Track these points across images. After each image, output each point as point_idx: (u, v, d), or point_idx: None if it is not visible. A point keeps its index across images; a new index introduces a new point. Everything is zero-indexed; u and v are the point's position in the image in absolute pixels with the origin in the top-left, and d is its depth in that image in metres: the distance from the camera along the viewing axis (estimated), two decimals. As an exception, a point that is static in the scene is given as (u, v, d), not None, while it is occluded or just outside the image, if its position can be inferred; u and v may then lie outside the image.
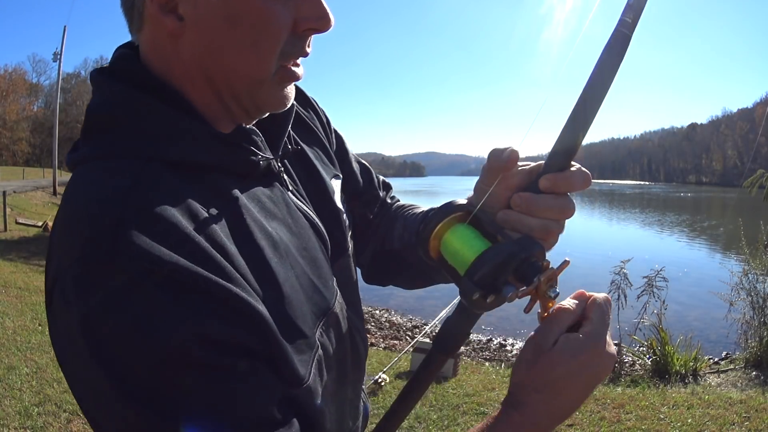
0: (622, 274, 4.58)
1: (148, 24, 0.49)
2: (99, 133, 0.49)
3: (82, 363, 0.39)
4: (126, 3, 0.50)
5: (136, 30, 0.51)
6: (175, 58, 0.49)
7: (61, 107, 28.90)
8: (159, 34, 0.49)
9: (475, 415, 3.22)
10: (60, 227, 0.44)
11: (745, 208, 24.61)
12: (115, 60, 0.52)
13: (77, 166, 0.48)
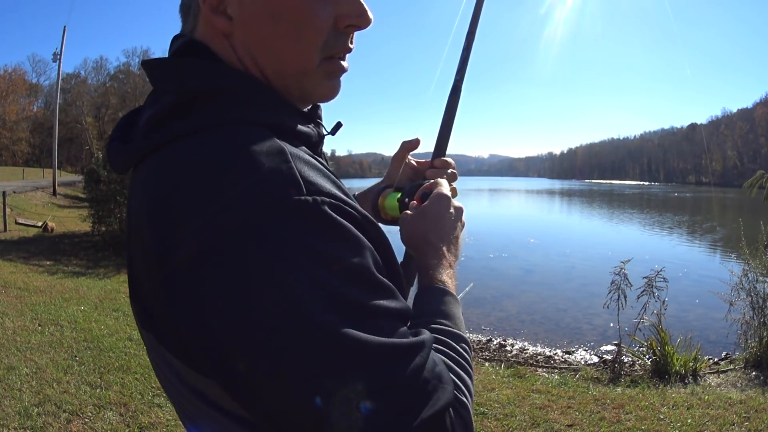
0: (622, 274, 4.58)
1: (202, 25, 0.54)
2: (206, 105, 0.50)
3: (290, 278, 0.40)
4: (183, 6, 0.56)
5: (191, 31, 0.56)
6: (231, 54, 0.54)
7: (60, 107, 28.88)
8: (213, 33, 0.54)
9: (475, 415, 3.21)
10: (206, 180, 0.43)
11: (745, 209, 24.63)
12: (188, 45, 0.54)
13: (197, 134, 0.47)
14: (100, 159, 11.40)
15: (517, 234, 19.42)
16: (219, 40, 0.53)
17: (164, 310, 0.45)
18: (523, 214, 33.82)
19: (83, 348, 3.99)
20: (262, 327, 0.40)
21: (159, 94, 0.53)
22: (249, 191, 0.42)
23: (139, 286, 0.50)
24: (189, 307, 0.42)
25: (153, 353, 0.53)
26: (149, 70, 0.54)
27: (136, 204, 0.51)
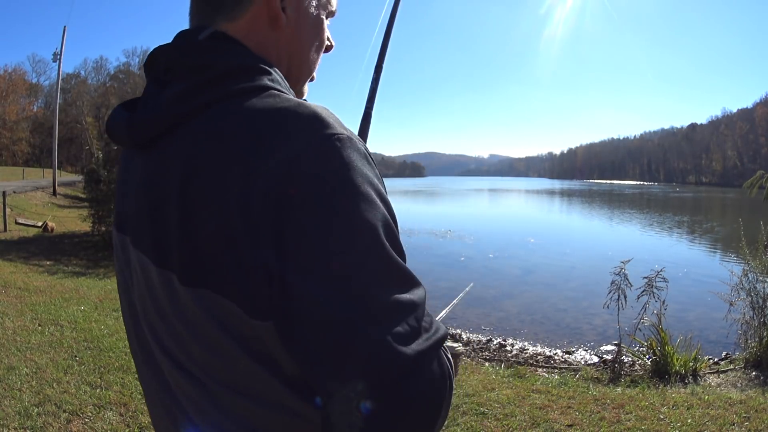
0: (622, 274, 4.58)
1: (251, 13, 0.59)
2: (253, 76, 0.55)
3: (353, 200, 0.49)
4: None
5: (229, 18, 0.59)
6: (273, 44, 0.61)
7: (60, 107, 28.88)
8: (261, 22, 0.60)
9: (474, 415, 3.22)
10: (279, 116, 0.51)
11: (745, 209, 24.62)
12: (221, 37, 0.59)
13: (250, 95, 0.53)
14: (100, 159, 11.39)
15: (517, 234, 19.42)
16: (263, 31, 0.60)
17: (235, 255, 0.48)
18: (523, 214, 33.82)
19: (83, 348, 3.99)
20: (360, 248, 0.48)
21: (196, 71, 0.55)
22: (328, 126, 0.51)
23: (193, 240, 0.50)
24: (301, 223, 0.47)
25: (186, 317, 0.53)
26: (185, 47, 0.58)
27: (191, 168, 0.51)
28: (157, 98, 0.56)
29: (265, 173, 0.47)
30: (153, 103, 0.56)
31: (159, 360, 0.59)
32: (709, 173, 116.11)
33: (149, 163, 0.57)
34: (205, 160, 0.51)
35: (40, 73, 59.54)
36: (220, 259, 0.49)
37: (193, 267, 0.51)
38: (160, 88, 0.57)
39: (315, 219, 0.47)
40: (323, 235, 0.47)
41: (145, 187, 0.57)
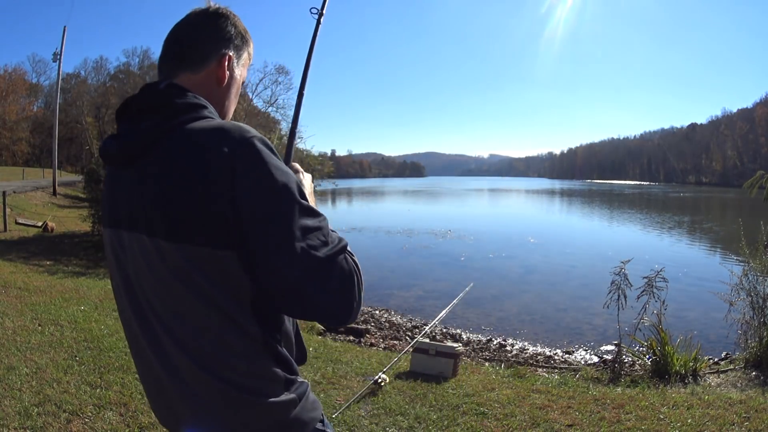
0: (622, 274, 4.58)
1: (207, 72, 0.92)
2: (196, 109, 0.85)
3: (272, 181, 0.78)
4: (188, 53, 0.91)
5: (190, 69, 0.91)
6: (213, 94, 0.92)
7: (60, 107, 28.84)
8: (211, 79, 0.92)
9: (474, 415, 3.22)
10: (216, 133, 0.79)
11: (745, 209, 24.61)
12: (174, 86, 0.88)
13: (199, 119, 0.84)
14: (100, 159, 11.39)
15: (517, 234, 19.41)
16: (211, 86, 0.93)
17: (213, 208, 0.76)
18: (522, 214, 33.81)
19: (83, 348, 3.99)
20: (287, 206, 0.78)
21: (162, 107, 0.85)
22: (251, 137, 0.80)
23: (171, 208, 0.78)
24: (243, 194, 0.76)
25: (165, 267, 0.80)
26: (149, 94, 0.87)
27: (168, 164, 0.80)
28: (135, 130, 0.84)
29: (217, 161, 0.76)
30: (132, 133, 0.84)
31: (149, 313, 0.84)
32: (709, 173, 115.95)
33: (135, 174, 0.84)
34: (174, 164, 0.79)
35: (40, 73, 59.45)
36: (191, 220, 0.77)
37: (174, 230, 0.78)
38: (135, 125, 0.84)
39: (254, 182, 0.77)
40: (261, 191, 0.77)
41: (136, 188, 0.84)
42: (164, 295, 0.82)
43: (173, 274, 0.79)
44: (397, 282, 10.86)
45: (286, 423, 0.85)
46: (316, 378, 3.83)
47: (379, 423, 3.07)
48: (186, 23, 0.94)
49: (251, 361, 0.82)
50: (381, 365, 4.20)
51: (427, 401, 3.44)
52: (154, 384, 0.89)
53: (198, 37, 0.92)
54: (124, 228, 0.86)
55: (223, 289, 0.79)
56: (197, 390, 0.82)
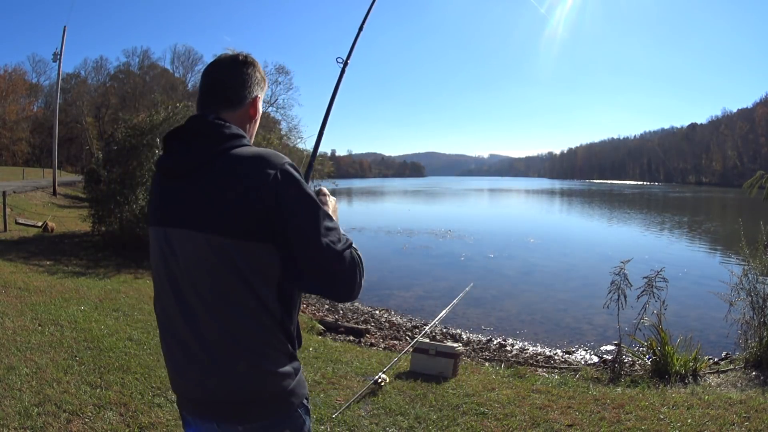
0: (622, 274, 4.57)
1: (242, 110, 1.18)
2: (238, 138, 1.11)
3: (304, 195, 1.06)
4: (229, 95, 1.17)
5: (225, 108, 1.16)
6: (246, 125, 1.20)
7: (60, 107, 28.82)
8: (246, 116, 1.20)
9: (474, 415, 3.22)
10: (259, 159, 1.06)
11: (745, 209, 24.59)
12: (221, 119, 1.13)
13: (241, 146, 1.10)
14: (100, 159, 11.40)
15: (517, 234, 19.41)
16: (246, 120, 1.20)
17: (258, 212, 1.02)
18: (522, 214, 33.81)
19: (83, 348, 3.99)
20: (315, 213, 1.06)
21: (211, 135, 1.10)
22: (285, 162, 1.08)
23: (222, 211, 1.03)
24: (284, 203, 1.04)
25: (213, 257, 1.04)
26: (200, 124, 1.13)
27: (218, 178, 1.06)
28: (189, 150, 1.10)
29: (264, 181, 1.03)
30: (189, 153, 1.09)
31: (188, 296, 1.08)
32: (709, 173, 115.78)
33: (190, 184, 1.08)
34: (227, 180, 1.05)
35: (40, 73, 59.32)
36: (243, 221, 1.02)
37: (228, 228, 1.03)
38: (188, 146, 1.10)
39: (292, 197, 1.05)
40: (300, 205, 1.05)
41: (191, 195, 1.08)
42: (210, 278, 1.05)
43: (222, 261, 1.03)
44: (397, 282, 10.86)
45: (287, 392, 1.10)
46: (316, 378, 3.83)
47: (379, 423, 3.07)
48: (222, 69, 1.19)
49: (272, 335, 1.08)
50: (381, 365, 4.20)
51: (427, 401, 3.44)
52: (180, 361, 1.12)
53: (235, 84, 1.18)
54: (173, 225, 1.09)
55: (259, 274, 1.05)
56: (224, 358, 1.06)
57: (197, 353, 1.08)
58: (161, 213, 1.12)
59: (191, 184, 1.07)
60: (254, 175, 1.03)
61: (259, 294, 1.05)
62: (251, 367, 1.06)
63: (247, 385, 1.07)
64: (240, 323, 1.05)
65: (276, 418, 1.10)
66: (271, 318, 1.07)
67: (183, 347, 1.10)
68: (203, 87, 1.18)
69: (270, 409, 1.10)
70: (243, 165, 1.05)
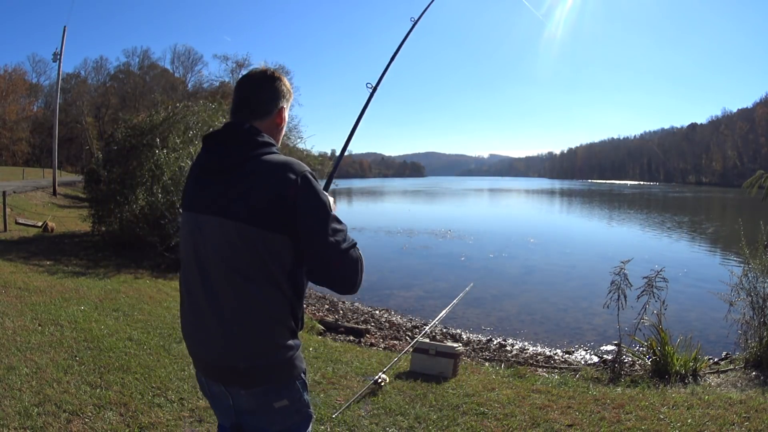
0: (622, 274, 4.57)
1: (270, 119, 1.37)
2: (269, 146, 1.31)
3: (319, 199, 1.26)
4: (259, 107, 1.35)
5: (255, 118, 1.35)
6: (274, 133, 1.38)
7: (60, 107, 28.81)
8: (273, 124, 1.38)
9: (475, 415, 3.22)
10: (285, 166, 1.25)
11: (745, 209, 24.59)
12: (254, 128, 1.32)
13: (270, 153, 1.29)
14: (100, 159, 11.39)
15: (517, 234, 19.41)
16: (273, 128, 1.38)
17: (281, 208, 1.21)
18: (522, 214, 33.81)
19: (83, 348, 3.99)
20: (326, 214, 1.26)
21: (245, 141, 1.29)
22: (306, 170, 1.27)
23: (250, 203, 1.22)
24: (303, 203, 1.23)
25: (239, 241, 1.23)
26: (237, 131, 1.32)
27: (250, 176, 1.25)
28: (227, 153, 1.29)
29: (287, 184, 1.22)
30: (227, 156, 1.29)
31: (213, 274, 1.27)
32: (709, 173, 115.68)
33: (226, 181, 1.27)
34: (257, 180, 1.24)
35: (40, 73, 59.30)
36: (266, 214, 1.21)
37: (254, 217, 1.21)
38: (225, 149, 1.30)
39: (308, 199, 1.24)
40: (313, 207, 1.24)
41: (224, 189, 1.26)
42: (236, 261, 1.24)
43: (246, 244, 1.22)
44: (397, 282, 10.86)
45: (287, 362, 1.28)
46: (316, 378, 3.83)
47: (379, 423, 3.07)
48: (252, 84, 1.38)
49: (281, 311, 1.27)
50: (381, 365, 4.20)
51: (427, 401, 3.44)
52: (199, 330, 1.31)
53: (263, 97, 1.37)
54: (204, 212, 1.29)
55: (275, 259, 1.23)
56: (238, 328, 1.25)
57: (213, 322, 1.27)
58: (196, 201, 1.32)
59: (225, 180, 1.27)
60: (279, 179, 1.22)
61: (274, 274, 1.24)
62: (259, 337, 1.25)
63: (253, 352, 1.25)
64: (254, 297, 1.23)
65: (275, 385, 1.28)
66: (282, 297, 1.26)
67: (201, 316, 1.30)
68: (236, 99, 1.38)
69: (271, 376, 1.28)
70: (271, 169, 1.24)
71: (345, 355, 4.68)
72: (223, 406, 1.35)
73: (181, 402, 3.15)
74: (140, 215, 9.58)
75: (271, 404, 1.29)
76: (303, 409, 1.35)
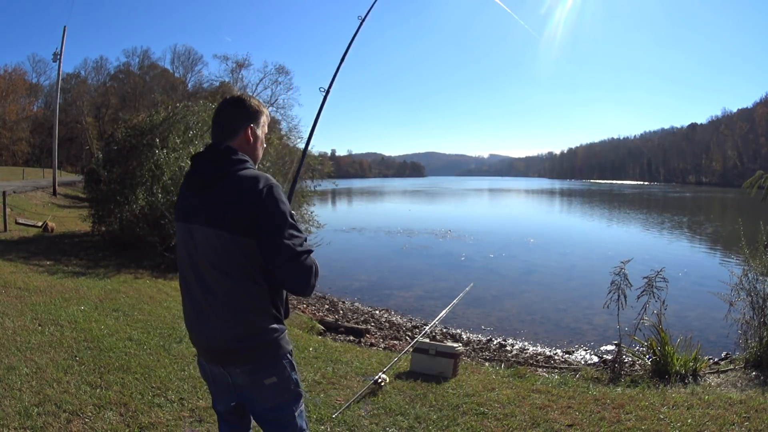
0: (622, 274, 4.57)
1: (240, 138, 1.58)
2: (242, 163, 1.53)
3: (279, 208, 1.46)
4: (228, 129, 1.58)
5: (227, 138, 1.57)
6: (247, 149, 1.59)
7: (60, 107, 28.79)
8: (244, 141, 1.59)
9: (475, 415, 3.22)
10: (253, 180, 1.47)
11: (745, 209, 24.59)
12: (229, 148, 1.54)
13: (243, 169, 1.51)
14: (100, 159, 11.38)
15: (517, 234, 19.41)
16: (245, 146, 1.58)
17: (248, 216, 1.44)
18: (522, 214, 33.81)
19: (83, 348, 3.99)
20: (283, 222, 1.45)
21: (221, 160, 1.51)
22: (272, 183, 1.48)
23: (225, 213, 1.45)
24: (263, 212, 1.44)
25: (220, 246, 1.46)
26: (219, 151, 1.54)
27: (224, 191, 1.48)
28: (208, 170, 1.52)
29: (256, 195, 1.45)
30: (208, 173, 1.51)
31: (204, 273, 1.50)
32: (709, 173, 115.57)
33: (208, 195, 1.50)
34: (235, 192, 1.46)
35: (40, 73, 59.17)
36: (239, 222, 1.43)
37: (232, 226, 1.44)
38: (207, 167, 1.52)
39: (269, 210, 1.45)
40: (271, 214, 1.44)
41: (208, 203, 1.49)
42: (219, 261, 1.48)
43: (226, 248, 1.46)
44: (397, 282, 10.86)
45: (273, 343, 1.53)
46: (316, 378, 3.83)
47: (379, 423, 3.07)
48: (222, 110, 1.61)
49: (260, 302, 1.50)
50: (381, 365, 4.20)
51: (427, 401, 3.44)
52: (199, 321, 1.55)
53: (231, 120, 1.59)
54: (192, 222, 1.52)
55: (249, 259, 1.46)
56: (228, 317, 1.49)
57: (208, 314, 1.51)
58: (186, 212, 1.56)
59: (207, 193, 1.51)
60: (248, 191, 1.45)
61: (249, 271, 1.47)
62: (246, 323, 1.50)
63: (242, 336, 1.49)
64: (237, 291, 1.47)
65: (264, 363, 1.53)
66: (260, 289, 1.49)
67: (198, 311, 1.54)
68: (212, 123, 1.63)
69: (259, 355, 1.52)
70: (242, 184, 1.47)
71: (345, 355, 4.67)
72: (223, 386, 1.58)
73: (181, 402, 3.15)
74: (140, 215, 9.57)
75: (262, 381, 1.52)
76: (292, 387, 1.58)
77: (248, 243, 1.44)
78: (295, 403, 1.59)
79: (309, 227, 12.00)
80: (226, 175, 1.49)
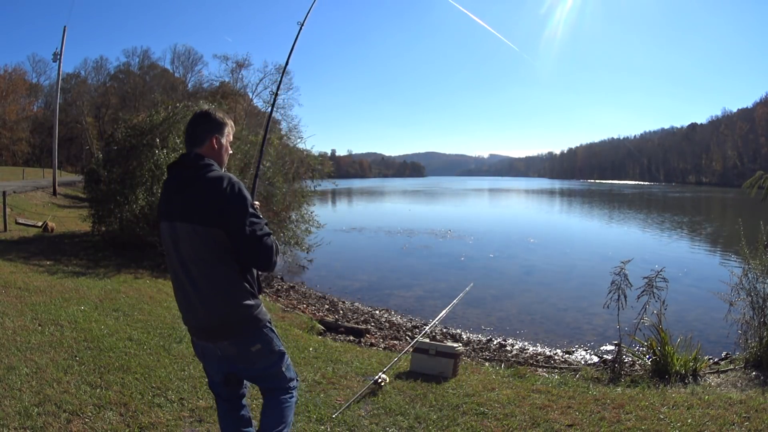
0: (622, 274, 4.57)
1: (206, 147, 1.91)
2: (209, 167, 1.85)
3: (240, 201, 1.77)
4: (196, 138, 1.92)
5: (195, 147, 1.91)
6: (214, 155, 1.92)
7: (60, 107, 28.78)
8: (210, 148, 1.92)
9: (474, 415, 3.22)
10: (218, 180, 1.78)
11: (745, 209, 24.59)
12: (198, 155, 1.87)
13: (210, 172, 1.83)
14: (100, 159, 11.38)
15: (517, 234, 19.42)
16: (211, 152, 1.91)
17: (216, 211, 1.75)
18: (522, 214, 33.80)
19: (83, 348, 3.99)
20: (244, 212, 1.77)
21: (192, 166, 1.84)
22: (233, 181, 1.80)
23: (198, 210, 1.77)
24: (227, 206, 1.76)
25: (197, 237, 1.77)
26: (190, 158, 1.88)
27: (196, 191, 1.80)
28: (183, 175, 1.85)
29: (222, 192, 1.76)
30: (182, 177, 1.85)
31: (188, 262, 1.81)
32: (709, 173, 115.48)
33: (184, 195, 1.82)
34: (204, 192, 1.79)
35: (40, 73, 59.15)
36: (210, 216, 1.76)
37: (203, 220, 1.76)
38: (181, 172, 1.86)
39: (232, 202, 1.76)
40: (235, 206, 1.76)
41: (184, 202, 1.81)
42: (197, 251, 1.78)
43: (201, 239, 1.76)
44: (397, 282, 10.86)
45: (252, 316, 1.83)
46: (316, 378, 3.83)
47: (379, 423, 3.07)
48: (191, 122, 1.93)
49: (237, 282, 1.80)
50: (381, 365, 4.20)
51: (427, 401, 3.44)
52: (188, 304, 1.84)
53: (197, 131, 1.91)
54: (176, 220, 1.80)
55: (220, 246, 1.76)
56: (211, 298, 1.79)
57: (195, 298, 1.81)
58: (169, 212, 1.84)
59: (183, 194, 1.81)
60: (215, 189, 1.75)
61: (222, 257, 1.77)
62: (227, 303, 1.80)
63: (225, 313, 1.80)
64: (217, 276, 1.78)
65: (248, 334, 1.84)
66: (233, 271, 1.79)
67: (186, 295, 1.83)
68: (184, 134, 1.94)
69: (242, 327, 1.83)
70: (210, 184, 1.77)
71: (345, 355, 4.67)
72: (215, 359, 1.89)
73: (181, 402, 3.15)
74: (140, 215, 9.58)
75: (249, 349, 1.85)
76: (275, 349, 1.92)
77: (218, 233, 1.73)
78: (281, 360, 1.95)
79: (309, 227, 12.01)
80: (197, 178, 1.79)
